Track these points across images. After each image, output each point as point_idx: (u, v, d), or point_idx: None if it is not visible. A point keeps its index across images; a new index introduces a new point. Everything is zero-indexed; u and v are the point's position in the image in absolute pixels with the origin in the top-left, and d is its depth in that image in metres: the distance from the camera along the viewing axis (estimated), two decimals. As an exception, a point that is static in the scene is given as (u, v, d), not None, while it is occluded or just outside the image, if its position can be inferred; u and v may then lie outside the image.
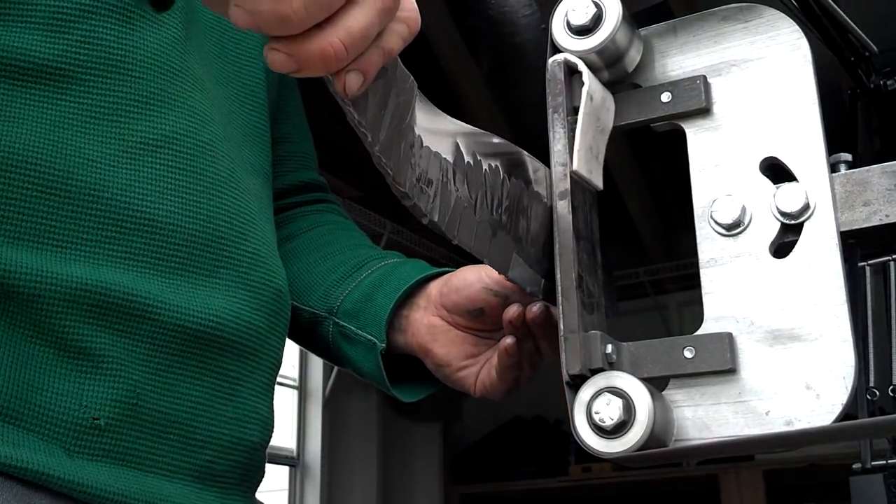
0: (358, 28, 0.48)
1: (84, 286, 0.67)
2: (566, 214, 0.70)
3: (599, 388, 0.64)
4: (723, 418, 0.65)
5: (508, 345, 0.77)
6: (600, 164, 0.73)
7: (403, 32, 0.52)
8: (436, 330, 0.83)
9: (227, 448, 0.75)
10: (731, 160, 0.71)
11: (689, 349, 0.67)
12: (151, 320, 0.69)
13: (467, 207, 0.65)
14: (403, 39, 0.52)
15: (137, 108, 0.72)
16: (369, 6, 0.48)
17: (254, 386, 0.78)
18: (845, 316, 0.64)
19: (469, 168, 0.66)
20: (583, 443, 0.64)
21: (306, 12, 0.45)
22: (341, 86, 0.50)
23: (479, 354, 0.82)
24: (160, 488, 0.70)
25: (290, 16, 0.45)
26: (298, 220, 0.97)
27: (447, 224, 0.63)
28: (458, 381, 0.83)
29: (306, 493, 3.48)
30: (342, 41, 0.47)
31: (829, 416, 0.62)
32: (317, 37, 0.47)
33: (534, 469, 3.99)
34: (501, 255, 0.69)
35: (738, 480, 3.62)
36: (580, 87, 0.71)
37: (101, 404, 0.67)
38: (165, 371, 0.70)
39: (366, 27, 0.48)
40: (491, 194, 0.68)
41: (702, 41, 0.74)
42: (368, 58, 0.50)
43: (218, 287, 0.74)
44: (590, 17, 0.72)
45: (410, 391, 0.88)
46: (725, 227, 0.69)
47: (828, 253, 0.65)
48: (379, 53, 0.50)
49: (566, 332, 0.67)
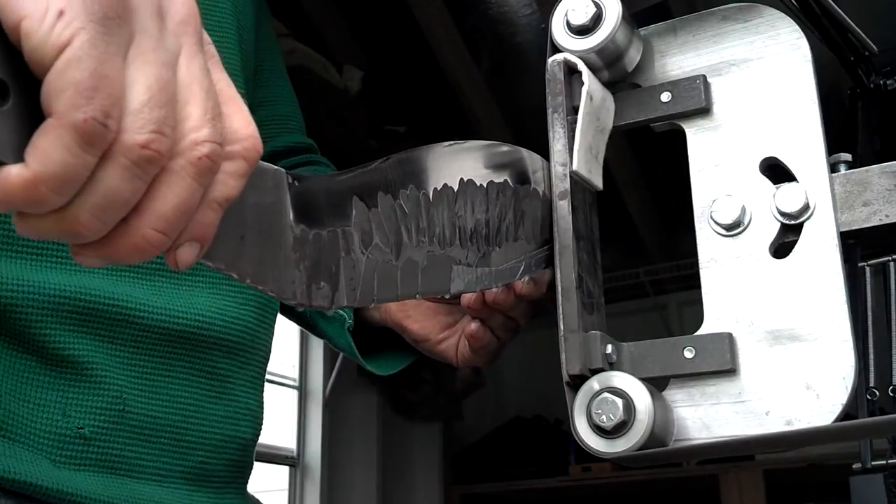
0: (171, 209, 0.39)
1: (63, 293, 0.66)
2: (566, 214, 0.70)
3: (599, 388, 0.64)
4: (723, 418, 0.65)
5: (473, 329, 0.75)
6: (600, 164, 0.72)
7: (240, 170, 0.42)
8: (406, 305, 0.81)
9: (219, 447, 0.74)
10: (731, 160, 0.71)
11: (689, 349, 0.67)
12: (134, 324, 0.68)
13: (383, 260, 0.61)
14: (242, 177, 0.42)
15: None
16: (180, 179, 0.39)
17: (244, 382, 0.77)
18: (845, 316, 0.64)
19: (374, 216, 0.61)
20: (583, 443, 0.64)
21: (100, 222, 0.37)
22: (173, 264, 0.42)
23: (454, 323, 0.80)
24: (151, 494, 0.69)
25: (80, 231, 0.37)
26: None
27: (359, 297, 0.59)
28: (440, 354, 0.81)
29: (306, 493, 3.47)
30: (156, 229, 0.39)
31: (829, 416, 0.62)
32: (124, 234, 0.39)
33: (534, 469, 3.98)
34: (436, 280, 0.65)
35: (738, 480, 3.61)
36: (580, 87, 0.71)
37: (86, 413, 0.66)
38: (152, 374, 0.69)
39: (181, 204, 0.39)
40: (410, 224, 0.63)
41: (701, 41, 0.74)
42: (199, 223, 0.41)
43: (201, 286, 0.73)
44: (589, 16, 0.72)
45: (388, 364, 0.87)
46: (725, 227, 0.69)
47: (828, 253, 0.65)
48: (212, 210, 0.41)
49: (566, 332, 0.67)
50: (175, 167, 0.39)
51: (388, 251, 0.61)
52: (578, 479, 3.92)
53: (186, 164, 0.39)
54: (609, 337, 0.68)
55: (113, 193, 0.37)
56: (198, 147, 0.39)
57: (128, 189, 0.37)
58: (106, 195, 0.37)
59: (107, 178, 0.37)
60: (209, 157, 0.39)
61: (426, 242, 0.64)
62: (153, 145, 0.37)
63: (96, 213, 0.37)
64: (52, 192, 0.36)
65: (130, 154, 0.37)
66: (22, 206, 0.36)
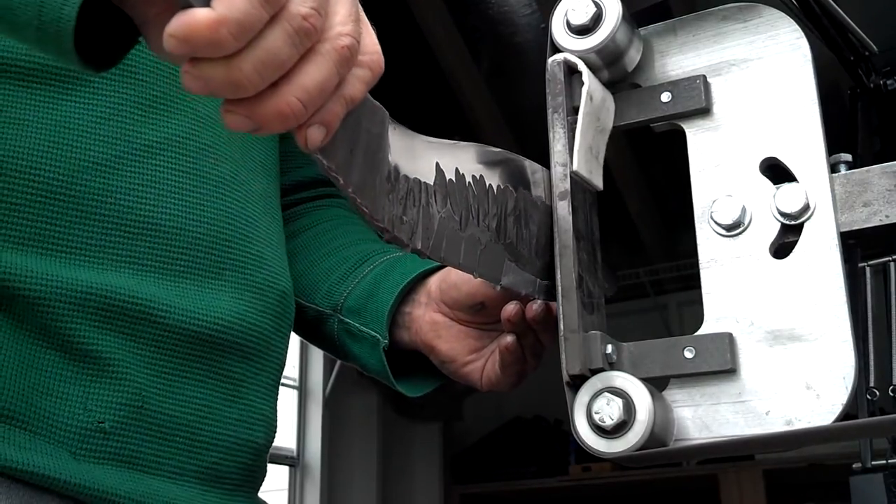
0: (314, 84, 0.46)
1: (90, 290, 0.67)
2: (566, 215, 0.70)
3: (599, 388, 0.64)
4: (723, 418, 0.65)
5: (509, 342, 0.77)
6: (600, 164, 0.72)
7: (366, 77, 0.50)
8: (438, 326, 0.82)
9: (232, 449, 0.75)
10: (731, 160, 0.71)
11: (689, 349, 0.67)
12: (157, 323, 0.70)
13: (452, 226, 0.66)
14: (366, 84, 0.50)
15: (141, 111, 0.72)
16: (325, 60, 0.46)
17: (259, 387, 0.78)
18: (845, 316, 0.64)
19: (451, 185, 0.66)
20: (583, 443, 0.64)
21: (259, 76, 0.44)
22: (303, 141, 0.48)
23: (482, 348, 0.82)
24: (166, 491, 0.70)
25: (241, 81, 0.44)
26: (304, 216, 0.97)
27: (431, 248, 0.64)
28: (464, 376, 0.83)
29: (306, 493, 3.47)
30: (299, 99, 0.46)
31: (829, 416, 0.62)
32: (272, 97, 0.45)
33: (534, 469, 3.98)
34: (492, 265, 0.69)
35: (738, 480, 3.61)
36: (580, 87, 0.71)
37: (107, 408, 0.67)
38: (170, 374, 0.71)
39: (323, 81, 0.46)
40: (477, 206, 0.68)
41: (701, 41, 0.74)
42: (330, 110, 0.48)
43: (223, 289, 0.74)
44: (589, 16, 0.72)
45: (416, 386, 0.88)
46: (725, 227, 0.69)
47: (828, 253, 0.65)
48: (340, 104, 0.49)
49: (566, 332, 0.67)
50: (321, 49, 0.46)
51: (457, 220, 0.66)
52: (578, 479, 3.91)
53: (331, 49, 0.46)
54: (609, 337, 0.68)
55: (274, 53, 0.44)
56: (342, 37, 0.47)
57: (285, 52, 0.44)
58: (268, 52, 0.44)
59: (272, 37, 0.44)
60: (349, 48, 0.47)
61: (486, 229, 0.69)
62: (311, 19, 0.45)
63: (258, 67, 0.44)
64: (231, 36, 0.42)
65: (293, 21, 0.44)
66: (202, 46, 0.42)
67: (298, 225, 0.96)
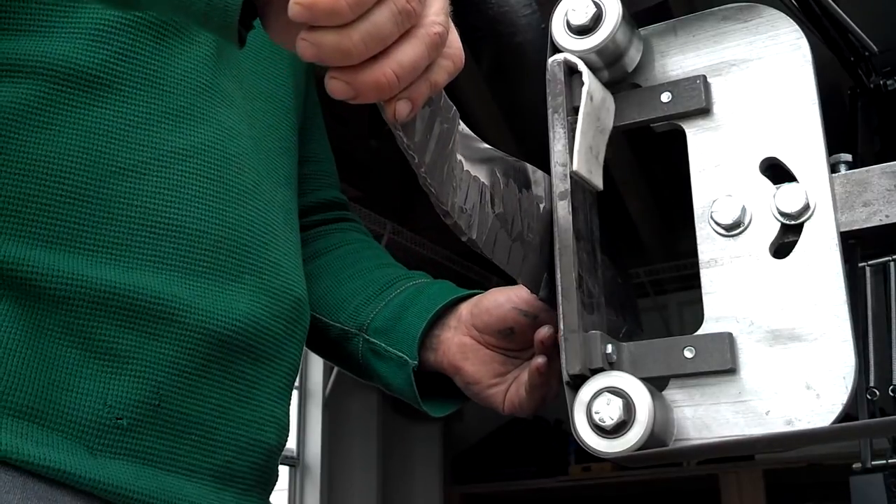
0: (409, 61, 0.52)
1: (113, 289, 0.69)
2: (566, 214, 0.70)
3: (599, 388, 0.64)
4: (723, 418, 0.65)
5: (540, 364, 0.78)
6: (600, 164, 0.73)
7: (449, 68, 0.56)
8: (466, 349, 0.85)
9: (245, 449, 0.77)
10: (731, 160, 0.71)
11: (689, 349, 0.67)
12: (177, 322, 0.71)
13: (502, 228, 0.68)
14: (449, 74, 0.56)
15: (168, 120, 0.74)
16: (420, 42, 0.52)
17: (271, 390, 0.80)
18: (845, 316, 0.64)
19: (505, 191, 0.69)
20: (583, 443, 0.64)
21: (365, 46, 0.50)
22: (392, 112, 0.54)
23: (507, 373, 0.84)
24: (180, 488, 0.71)
25: (350, 49, 0.50)
26: (324, 237, 1.00)
27: (484, 243, 0.67)
28: (488, 399, 0.85)
29: (306, 493, 3.47)
30: (395, 72, 0.52)
31: (829, 416, 0.62)
32: (372, 68, 0.51)
33: (534, 469, 3.98)
34: (533, 274, 0.72)
35: (738, 480, 3.61)
36: (580, 87, 0.71)
37: (125, 404, 0.69)
38: (189, 373, 0.72)
39: (416, 60, 0.52)
40: (522, 216, 0.71)
41: (701, 41, 0.74)
42: (417, 88, 0.54)
43: (242, 292, 0.76)
44: (590, 16, 0.72)
45: (439, 406, 0.90)
46: (725, 227, 0.69)
47: (828, 253, 0.65)
48: (426, 85, 0.55)
49: (566, 332, 0.67)
50: (417, 33, 0.52)
51: (508, 224, 0.70)
52: (578, 479, 3.92)
53: (425, 34, 0.52)
54: (609, 337, 0.68)
55: (380, 27, 0.50)
56: (435, 25, 0.53)
57: (388, 29, 0.51)
58: (376, 26, 0.50)
59: (380, 14, 0.50)
60: (440, 35, 0.53)
61: (530, 242, 0.72)
62: (413, 4, 0.51)
63: (365, 38, 0.50)
64: (348, 8, 0.48)
65: (399, 3, 0.51)
66: (322, 14, 0.48)
67: (319, 245, 0.99)
